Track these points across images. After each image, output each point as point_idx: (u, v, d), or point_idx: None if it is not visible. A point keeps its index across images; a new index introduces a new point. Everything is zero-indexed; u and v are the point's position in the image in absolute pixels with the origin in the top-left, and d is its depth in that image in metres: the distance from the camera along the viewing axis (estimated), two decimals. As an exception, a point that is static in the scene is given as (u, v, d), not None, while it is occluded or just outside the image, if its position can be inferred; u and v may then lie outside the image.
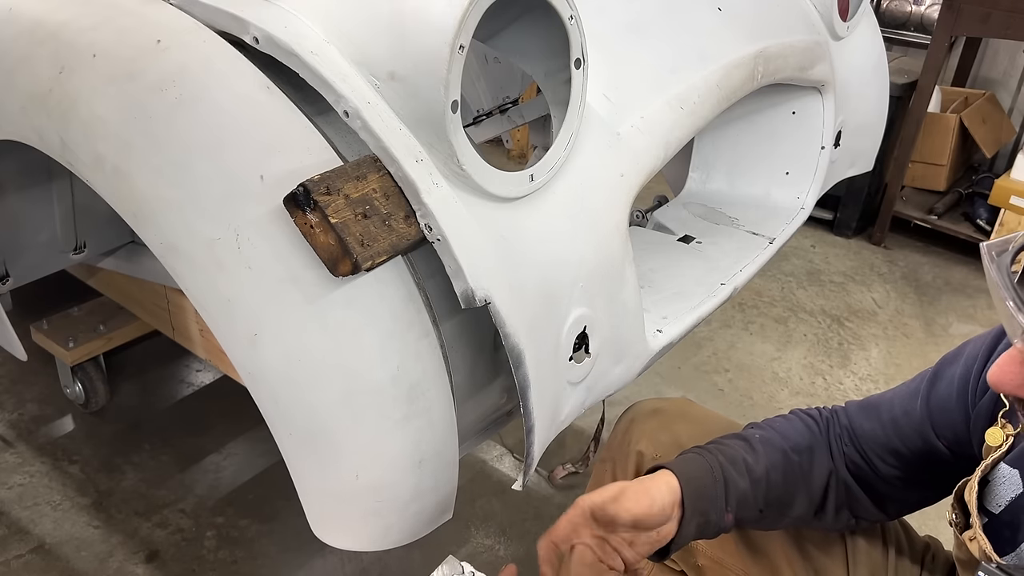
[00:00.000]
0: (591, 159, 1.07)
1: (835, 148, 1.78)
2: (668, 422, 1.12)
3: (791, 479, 0.95)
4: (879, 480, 0.96)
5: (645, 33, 1.32)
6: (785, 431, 0.98)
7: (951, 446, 0.90)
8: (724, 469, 0.93)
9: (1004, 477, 0.82)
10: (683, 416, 1.13)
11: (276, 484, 1.83)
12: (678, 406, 1.16)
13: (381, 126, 0.87)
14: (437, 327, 0.94)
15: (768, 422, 1.01)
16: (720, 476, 0.92)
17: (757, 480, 0.94)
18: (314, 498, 0.99)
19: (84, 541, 1.67)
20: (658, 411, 1.14)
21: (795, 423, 1.00)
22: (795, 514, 0.97)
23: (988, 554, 0.79)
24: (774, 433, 0.98)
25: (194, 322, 1.66)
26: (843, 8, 1.73)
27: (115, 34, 0.97)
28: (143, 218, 0.94)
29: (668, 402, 1.17)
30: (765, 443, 0.96)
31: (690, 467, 0.92)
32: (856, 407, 0.99)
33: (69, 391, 1.97)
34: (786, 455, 0.96)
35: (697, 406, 1.18)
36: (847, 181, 2.01)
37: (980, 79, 3.39)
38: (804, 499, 0.97)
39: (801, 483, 0.96)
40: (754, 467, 0.94)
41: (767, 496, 0.95)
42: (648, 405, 1.16)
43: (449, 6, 0.82)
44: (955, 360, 0.92)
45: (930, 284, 2.88)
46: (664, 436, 1.10)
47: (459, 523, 1.69)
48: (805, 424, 0.99)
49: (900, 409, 0.94)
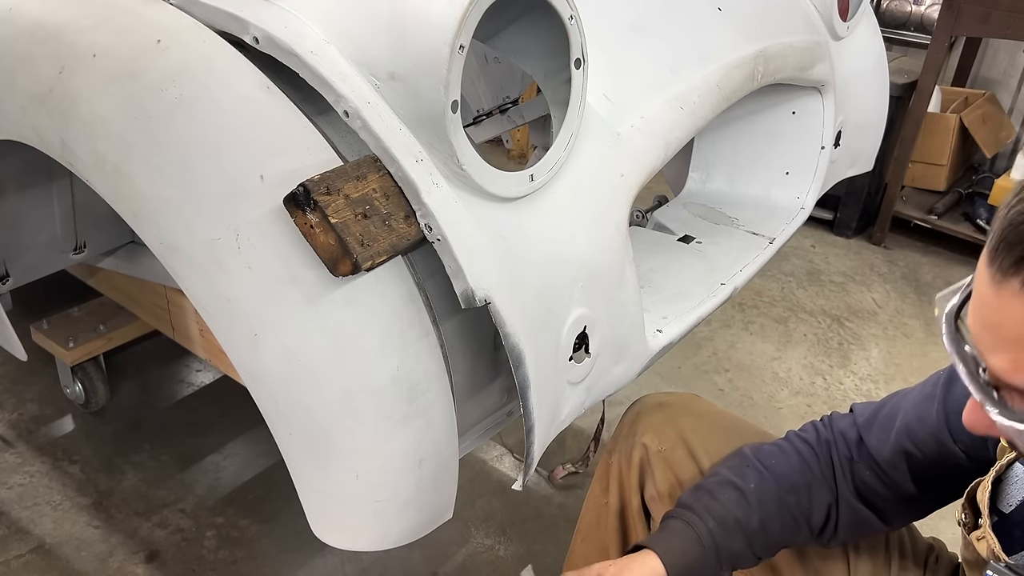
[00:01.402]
0: (591, 159, 1.07)
1: (835, 148, 1.78)
2: (673, 416, 1.12)
3: (788, 524, 0.95)
4: (888, 494, 0.95)
5: (645, 33, 1.32)
6: (780, 472, 0.97)
7: (968, 450, 0.89)
8: (714, 535, 0.93)
9: (1018, 477, 0.81)
10: (688, 410, 1.13)
11: (276, 484, 1.83)
12: (684, 400, 1.16)
13: (381, 126, 0.87)
14: (437, 327, 0.94)
15: (762, 457, 0.99)
16: (711, 543, 0.93)
17: (752, 535, 0.94)
18: (314, 498, 0.99)
19: (84, 541, 1.67)
20: (664, 404, 1.15)
21: (791, 459, 0.98)
22: (796, 544, 0.98)
23: (997, 553, 0.79)
24: (768, 478, 0.96)
25: (194, 322, 1.66)
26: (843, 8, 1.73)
27: (115, 34, 0.97)
28: (143, 218, 0.94)
29: (674, 396, 1.18)
30: (759, 493, 0.95)
31: (675, 543, 0.92)
32: (865, 421, 0.97)
33: (69, 391, 1.97)
34: (782, 502, 0.95)
35: (703, 401, 1.18)
36: (847, 181, 2.01)
37: (980, 79, 3.39)
38: (805, 535, 0.97)
39: (801, 523, 0.96)
40: (747, 523, 0.94)
41: (764, 544, 0.95)
42: (655, 399, 1.17)
43: (449, 6, 0.82)
44: None
45: (930, 284, 2.88)
46: (669, 430, 1.11)
47: (459, 523, 1.69)
48: (802, 458, 0.98)
49: (914, 415, 0.93)
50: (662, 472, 1.10)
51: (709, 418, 1.13)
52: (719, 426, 1.12)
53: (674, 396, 1.18)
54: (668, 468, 1.09)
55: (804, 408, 2.19)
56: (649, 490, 1.12)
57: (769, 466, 0.98)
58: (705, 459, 1.08)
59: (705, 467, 1.08)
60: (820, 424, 1.01)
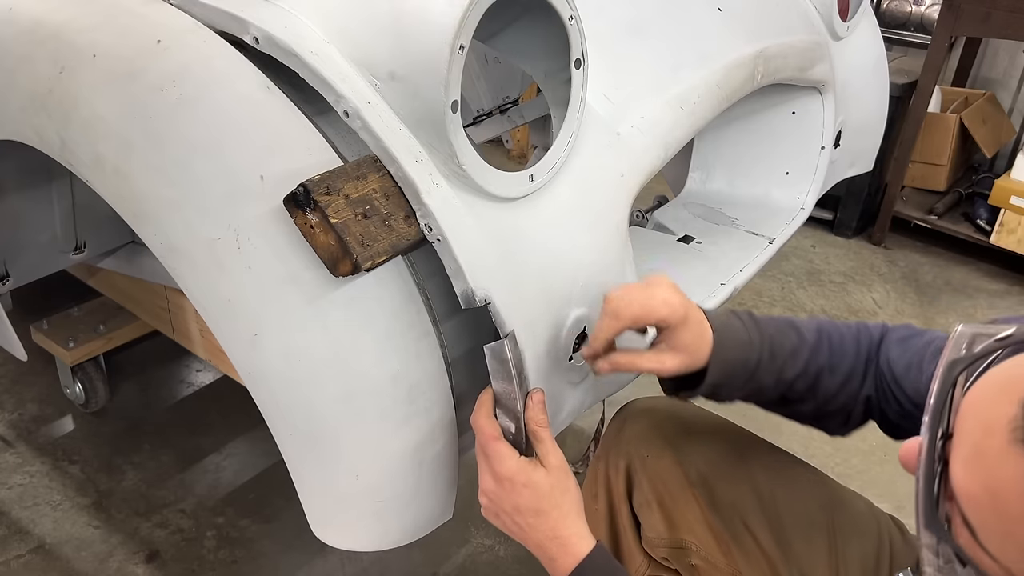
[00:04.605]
0: (591, 159, 1.07)
1: (835, 148, 1.78)
2: (659, 422, 1.12)
3: (810, 394, 0.97)
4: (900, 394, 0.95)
5: (645, 33, 1.32)
6: (836, 347, 0.97)
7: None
8: (760, 363, 0.94)
9: None
10: (674, 416, 1.13)
11: (276, 484, 1.83)
12: (669, 406, 1.16)
13: (381, 126, 0.87)
14: (437, 327, 0.94)
15: (832, 330, 0.99)
16: (752, 364, 0.94)
17: (780, 382, 0.95)
18: (314, 498, 0.99)
19: (84, 541, 1.67)
20: (649, 411, 1.15)
21: (848, 342, 0.98)
22: (796, 411, 1.00)
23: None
24: (826, 349, 0.97)
25: (194, 322, 1.66)
26: (843, 8, 1.73)
27: (115, 34, 0.97)
28: (143, 218, 0.94)
29: (659, 401, 1.17)
30: (811, 356, 0.96)
31: (730, 352, 0.94)
32: (898, 341, 0.96)
33: (69, 391, 1.97)
34: (820, 375, 0.96)
35: (690, 406, 1.17)
36: (847, 181, 2.01)
37: (980, 79, 3.39)
38: (811, 407, 0.98)
39: (820, 399, 0.97)
40: (785, 373, 0.95)
41: (782, 395, 0.97)
42: (640, 404, 1.17)
43: (449, 6, 0.82)
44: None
45: (930, 284, 2.88)
46: (654, 436, 1.10)
47: (459, 523, 1.68)
48: (857, 345, 0.97)
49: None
50: (649, 479, 1.09)
51: (695, 423, 1.13)
52: (706, 431, 1.12)
53: (659, 401, 1.17)
54: (655, 475, 1.09)
55: (804, 408, 2.19)
56: (637, 498, 1.11)
57: (833, 338, 0.98)
58: (691, 465, 1.08)
59: (691, 472, 1.07)
60: (877, 333, 1.00)
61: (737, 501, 1.05)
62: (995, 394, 0.52)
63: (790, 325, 0.98)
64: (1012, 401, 0.50)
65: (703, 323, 0.94)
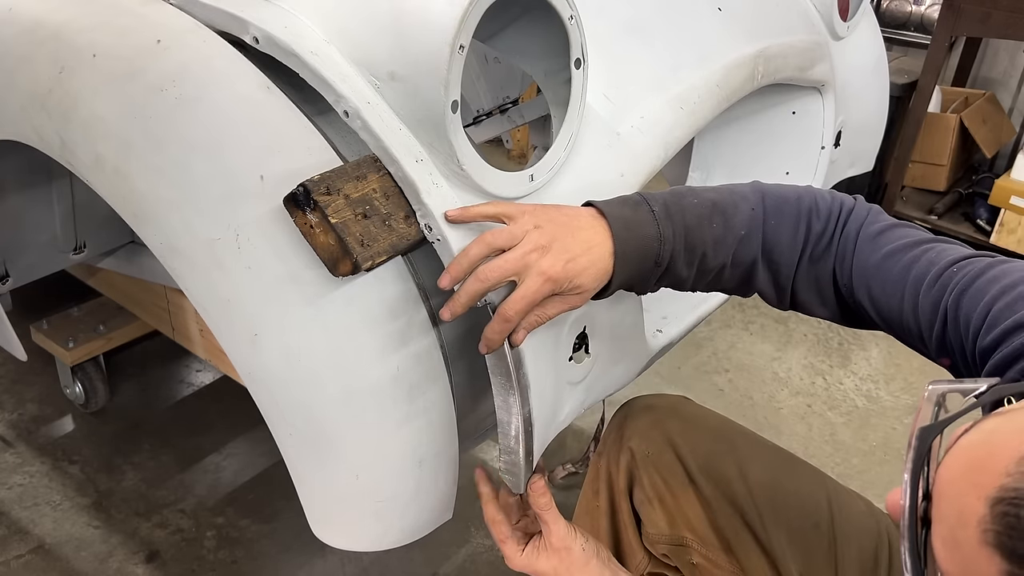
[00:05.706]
0: (591, 159, 1.07)
1: (835, 148, 1.78)
2: (660, 419, 1.12)
3: (736, 275, 0.91)
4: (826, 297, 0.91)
5: (645, 33, 1.31)
6: (771, 236, 0.90)
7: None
8: (674, 258, 0.87)
9: None
10: (675, 413, 1.13)
11: (276, 484, 1.83)
12: (671, 403, 1.16)
13: (381, 126, 0.87)
14: (437, 327, 0.94)
15: (773, 209, 0.90)
16: (665, 262, 0.87)
17: (703, 272, 0.90)
18: (314, 498, 0.99)
19: (84, 541, 1.68)
20: (650, 408, 1.15)
21: (786, 227, 0.89)
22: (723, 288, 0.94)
23: None
24: (758, 237, 0.90)
25: (194, 322, 1.66)
26: (843, 8, 1.73)
27: (115, 34, 0.97)
28: (143, 218, 0.94)
29: (662, 398, 1.17)
30: (741, 246, 0.89)
31: (631, 253, 0.85)
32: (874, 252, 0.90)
33: (69, 391, 1.97)
34: (754, 266, 0.90)
35: (691, 403, 1.18)
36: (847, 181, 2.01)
37: (980, 79, 3.39)
38: (742, 289, 0.94)
39: (752, 287, 0.93)
40: (707, 264, 0.89)
41: (708, 283, 0.92)
42: (642, 402, 1.17)
43: (449, 6, 0.82)
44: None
45: (930, 284, 2.87)
46: (655, 433, 1.11)
47: (459, 523, 1.68)
48: (808, 229, 0.90)
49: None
50: (649, 476, 1.10)
51: (696, 421, 1.13)
52: (706, 428, 1.12)
53: (661, 399, 1.17)
54: (655, 472, 1.09)
55: (804, 408, 2.19)
56: (638, 495, 1.12)
57: (781, 223, 0.90)
58: (692, 462, 1.08)
59: (692, 470, 1.08)
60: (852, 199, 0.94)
61: (737, 499, 1.06)
62: (965, 483, 0.49)
63: (716, 210, 0.89)
64: (980, 496, 0.48)
65: (593, 251, 0.85)
